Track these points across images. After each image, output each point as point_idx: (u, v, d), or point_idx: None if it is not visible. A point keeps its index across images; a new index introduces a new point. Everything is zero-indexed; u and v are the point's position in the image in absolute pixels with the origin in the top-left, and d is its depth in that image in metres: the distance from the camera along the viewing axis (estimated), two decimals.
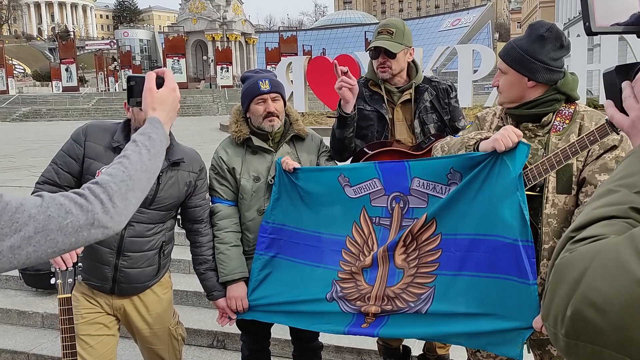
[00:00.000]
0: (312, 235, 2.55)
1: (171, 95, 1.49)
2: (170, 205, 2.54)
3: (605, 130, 1.85)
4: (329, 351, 3.81)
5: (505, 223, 2.03)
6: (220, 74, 49.81)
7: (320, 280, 2.48)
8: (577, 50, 16.34)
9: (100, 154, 2.41)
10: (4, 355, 4.24)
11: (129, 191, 1.23)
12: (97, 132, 2.46)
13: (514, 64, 2.04)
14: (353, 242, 2.46)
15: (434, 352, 3.18)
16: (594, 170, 1.96)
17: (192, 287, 4.65)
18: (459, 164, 2.17)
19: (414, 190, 2.33)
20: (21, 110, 38.62)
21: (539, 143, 2.09)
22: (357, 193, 2.46)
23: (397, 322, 2.32)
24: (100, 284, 2.51)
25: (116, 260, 2.47)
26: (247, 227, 2.70)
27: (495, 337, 2.11)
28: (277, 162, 2.61)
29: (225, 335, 4.14)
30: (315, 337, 2.99)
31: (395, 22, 2.86)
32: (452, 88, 2.95)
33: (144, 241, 2.50)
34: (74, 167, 2.43)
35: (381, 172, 2.41)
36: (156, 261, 2.58)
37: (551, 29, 2.02)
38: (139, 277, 2.54)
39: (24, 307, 4.76)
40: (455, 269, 2.21)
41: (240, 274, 2.65)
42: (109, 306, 2.56)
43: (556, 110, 2.07)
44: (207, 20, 57.04)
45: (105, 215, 1.16)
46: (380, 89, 2.84)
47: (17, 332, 4.55)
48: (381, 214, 2.42)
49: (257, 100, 2.61)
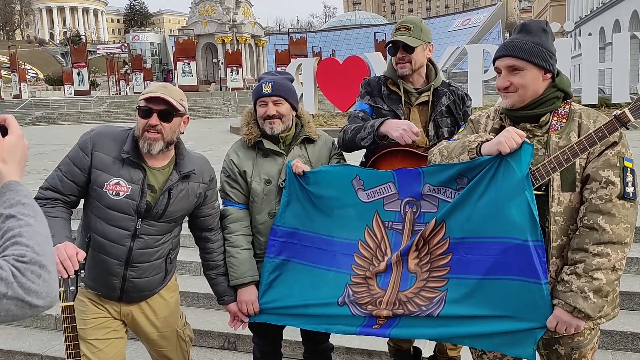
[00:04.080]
0: (323, 239, 2.55)
1: (19, 143, 1.31)
2: (179, 217, 2.53)
3: (614, 126, 1.85)
4: (340, 353, 3.81)
5: (514, 224, 2.02)
6: (230, 76, 49.91)
7: (331, 283, 2.48)
8: (589, 49, 16.18)
9: (108, 166, 2.35)
10: (18, 357, 4.29)
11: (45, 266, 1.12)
12: (106, 141, 2.38)
13: (536, 58, 2.01)
14: (366, 246, 2.45)
15: (445, 354, 3.16)
16: (598, 166, 1.96)
17: (202, 290, 4.67)
18: (466, 170, 2.16)
19: (426, 195, 2.32)
20: (34, 114, 38.95)
21: (538, 143, 2.07)
22: (370, 197, 2.45)
23: (409, 323, 2.32)
24: (108, 293, 2.49)
25: (124, 272, 2.44)
26: (259, 230, 2.70)
27: (507, 338, 2.11)
28: (287, 165, 2.61)
29: (236, 337, 4.15)
30: (326, 338, 2.99)
31: (413, 18, 2.86)
32: (468, 97, 2.94)
33: (152, 252, 2.48)
34: (79, 177, 2.36)
35: (397, 176, 2.40)
36: (163, 268, 2.57)
37: (547, 23, 2.08)
38: (147, 285, 2.53)
39: None
40: (466, 272, 2.20)
41: (250, 278, 2.65)
42: (116, 312, 2.56)
43: (556, 108, 2.07)
44: (217, 23, 57.24)
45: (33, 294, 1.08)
46: (399, 89, 2.83)
47: (30, 334, 4.59)
48: (394, 219, 2.42)
49: (259, 102, 2.64)
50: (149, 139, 2.32)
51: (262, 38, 64.40)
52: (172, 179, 2.43)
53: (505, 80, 2.06)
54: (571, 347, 2.10)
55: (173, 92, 2.37)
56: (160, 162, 2.43)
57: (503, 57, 2.07)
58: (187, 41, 51.16)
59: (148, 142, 2.32)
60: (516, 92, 2.05)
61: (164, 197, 2.41)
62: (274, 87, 2.60)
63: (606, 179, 1.93)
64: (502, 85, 2.07)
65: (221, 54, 56.40)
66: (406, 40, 2.71)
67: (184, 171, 2.45)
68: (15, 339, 4.51)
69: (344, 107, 17.74)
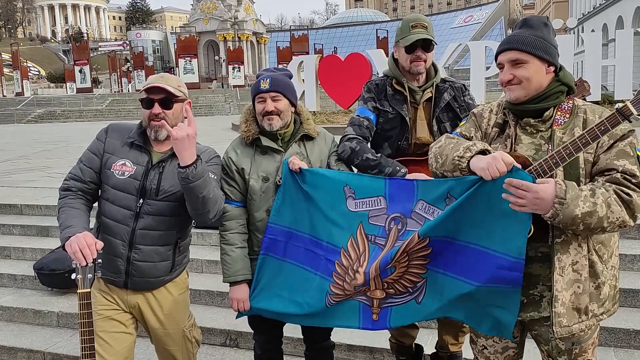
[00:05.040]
0: (313, 241, 2.55)
1: None
2: (177, 194, 2.51)
3: (616, 119, 1.85)
4: (342, 350, 3.81)
5: (502, 238, 2.02)
6: (232, 73, 49.98)
7: (317, 290, 2.50)
8: (592, 46, 16.13)
9: (117, 149, 2.54)
10: (21, 354, 4.30)
11: None
12: (118, 130, 2.60)
13: (539, 50, 2.00)
14: (347, 256, 2.44)
15: (447, 350, 3.16)
16: (611, 157, 1.94)
17: (204, 286, 4.68)
18: (456, 190, 2.13)
19: (415, 213, 2.30)
20: (36, 112, 39.06)
21: (541, 138, 2.06)
22: (357, 207, 2.44)
23: (401, 311, 2.38)
24: (114, 277, 2.53)
25: (128, 253, 2.50)
26: (256, 228, 2.70)
27: (487, 322, 2.18)
28: (284, 162, 2.60)
29: (238, 334, 4.16)
30: (327, 336, 2.99)
31: (423, 17, 2.85)
32: (466, 87, 2.95)
33: (155, 235, 2.52)
34: (95, 162, 2.55)
35: (389, 187, 2.39)
36: (170, 257, 2.59)
37: (547, 18, 2.10)
38: (152, 271, 2.55)
39: (40, 307, 4.82)
40: (443, 268, 2.23)
41: (243, 276, 2.66)
42: (124, 303, 2.58)
43: (560, 102, 2.06)
44: (219, 20, 57.24)
45: None
46: (404, 89, 2.81)
47: (33, 331, 4.61)
48: (377, 233, 2.40)
49: (257, 99, 2.65)
50: (154, 127, 2.49)
51: (264, 35, 64.41)
52: (166, 154, 2.54)
53: (508, 74, 2.04)
54: (572, 342, 2.10)
55: (170, 80, 2.50)
56: (167, 146, 2.54)
57: (506, 51, 2.06)
58: (188, 38, 51.23)
59: (154, 130, 2.50)
60: (520, 85, 2.03)
61: (156, 172, 2.51)
62: (272, 83, 2.60)
63: (622, 167, 1.91)
64: (505, 78, 2.05)
65: (223, 51, 56.41)
66: (431, 38, 2.73)
67: (171, 151, 2.53)
68: (18, 335, 4.53)
69: (346, 105, 17.71)
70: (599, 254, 2.03)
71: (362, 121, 2.83)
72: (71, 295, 4.94)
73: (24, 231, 6.31)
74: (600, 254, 2.03)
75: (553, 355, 2.16)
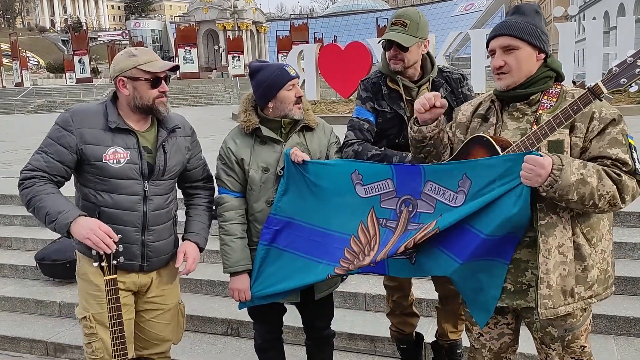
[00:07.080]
0: (318, 231, 2.54)
1: None
2: (178, 171, 2.61)
3: (588, 98, 1.87)
4: (342, 338, 3.83)
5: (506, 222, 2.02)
6: (231, 63, 49.75)
7: (318, 273, 2.51)
8: (593, 34, 16.07)
9: (99, 137, 2.38)
10: (23, 344, 4.33)
11: None
12: (87, 116, 2.41)
13: (530, 37, 2.02)
14: (357, 241, 2.45)
15: (446, 338, 3.17)
16: (604, 145, 1.95)
17: (205, 276, 4.70)
18: (473, 171, 2.11)
19: (425, 194, 2.29)
20: (36, 102, 38.96)
21: (527, 122, 2.08)
22: (367, 193, 2.44)
23: (397, 265, 2.43)
24: (130, 264, 2.52)
25: (142, 237, 2.51)
26: (256, 218, 2.70)
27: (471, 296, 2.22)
28: (286, 154, 2.59)
29: (240, 324, 4.18)
30: (327, 325, 3.00)
31: (410, 12, 2.72)
32: (464, 77, 2.90)
33: (163, 213, 2.56)
34: (66, 157, 2.37)
35: (396, 173, 2.38)
36: (173, 231, 2.66)
37: (539, 6, 2.11)
38: (165, 248, 2.61)
39: (42, 297, 4.84)
40: (438, 244, 2.23)
41: (243, 267, 2.66)
42: (135, 284, 2.58)
43: (548, 87, 2.08)
44: (218, 9, 56.95)
45: None
46: (398, 86, 2.77)
47: (35, 321, 4.63)
48: (389, 216, 2.40)
49: (288, 86, 2.60)
50: (162, 104, 2.47)
51: (264, 24, 64.09)
52: (162, 135, 2.52)
53: (499, 60, 2.06)
54: (564, 329, 2.11)
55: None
56: (144, 124, 2.52)
57: (497, 36, 2.07)
58: (188, 28, 50.90)
59: (162, 106, 2.47)
60: (509, 73, 2.05)
61: (160, 154, 2.51)
62: None
63: (616, 156, 1.94)
64: (496, 64, 2.07)
65: (222, 40, 56.18)
66: (400, 40, 2.62)
67: (170, 126, 2.54)
68: (20, 325, 4.55)
69: (346, 94, 17.66)
70: (587, 237, 2.03)
71: (363, 124, 2.80)
72: (73, 285, 4.95)
73: (25, 222, 6.32)
74: (589, 237, 2.04)
75: (546, 342, 2.17)
